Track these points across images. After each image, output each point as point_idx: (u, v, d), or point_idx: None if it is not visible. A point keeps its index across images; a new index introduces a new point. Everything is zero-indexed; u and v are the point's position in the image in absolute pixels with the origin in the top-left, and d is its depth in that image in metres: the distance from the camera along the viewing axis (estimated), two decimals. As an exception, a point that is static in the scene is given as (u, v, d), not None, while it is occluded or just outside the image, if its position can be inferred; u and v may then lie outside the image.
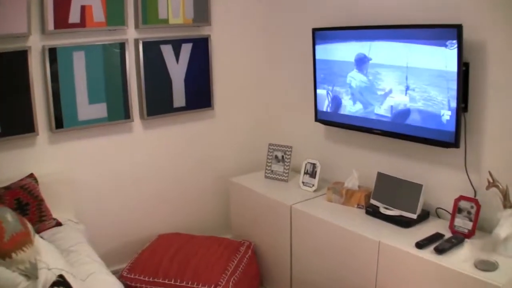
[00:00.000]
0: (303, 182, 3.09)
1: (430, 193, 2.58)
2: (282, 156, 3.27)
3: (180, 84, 3.40)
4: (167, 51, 3.27)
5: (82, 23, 2.93)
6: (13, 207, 2.61)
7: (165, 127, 3.41)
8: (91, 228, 3.06)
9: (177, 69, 3.35)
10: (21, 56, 2.77)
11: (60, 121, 2.96)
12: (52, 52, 2.87)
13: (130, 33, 3.17)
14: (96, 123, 3.10)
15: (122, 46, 3.09)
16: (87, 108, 3.02)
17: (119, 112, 3.17)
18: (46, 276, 1.78)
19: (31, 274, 1.72)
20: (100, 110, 3.08)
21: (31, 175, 2.86)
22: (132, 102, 3.23)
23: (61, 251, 2.38)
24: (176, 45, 3.33)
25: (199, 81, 3.48)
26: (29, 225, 1.95)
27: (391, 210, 2.50)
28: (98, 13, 2.98)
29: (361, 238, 2.40)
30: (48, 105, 2.95)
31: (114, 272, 2.84)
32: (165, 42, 3.30)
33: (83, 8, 2.94)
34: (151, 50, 3.25)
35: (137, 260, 2.97)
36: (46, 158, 3.01)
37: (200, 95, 3.52)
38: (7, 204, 2.61)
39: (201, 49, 3.45)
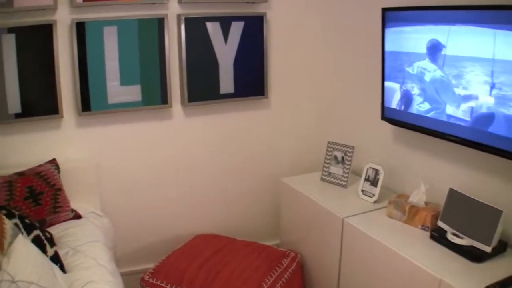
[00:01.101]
0: (362, 191, 2.86)
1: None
2: (342, 157, 3.04)
3: (229, 68, 3.21)
4: (214, 29, 3.10)
5: None
6: (24, 195, 2.57)
7: (209, 115, 3.26)
8: (117, 223, 3.05)
9: (225, 51, 3.16)
10: (46, 31, 2.73)
11: (88, 103, 2.89)
12: (80, 27, 2.79)
13: (171, 8, 3.02)
14: (128, 107, 3.00)
15: (160, 22, 2.94)
16: (118, 90, 2.94)
17: (155, 96, 3.04)
18: None
19: None
20: (133, 93, 2.98)
21: (53, 161, 2.82)
22: (171, 86, 3.08)
23: (68, 250, 2.38)
24: (225, 23, 3.14)
25: (251, 65, 3.26)
26: (7, 227, 1.86)
27: (460, 238, 2.21)
28: None
29: (419, 270, 2.12)
30: (75, 86, 2.88)
31: (140, 272, 2.84)
32: (212, 19, 3.10)
33: None
34: (195, 27, 3.07)
35: (163, 263, 2.87)
36: (71, 143, 2.98)
37: (251, 81, 3.30)
38: (17, 191, 2.55)
39: (254, 29, 3.23)
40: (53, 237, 2.46)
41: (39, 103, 2.83)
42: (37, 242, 2.22)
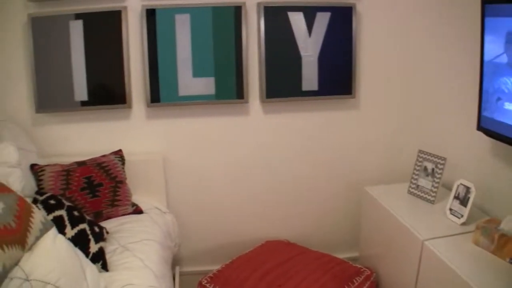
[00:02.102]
0: (450, 209, 2.69)
1: None
2: (433, 169, 2.89)
3: (312, 63, 3.10)
4: (297, 20, 3.01)
5: None
6: (81, 185, 2.71)
7: (290, 113, 3.20)
8: (183, 220, 3.17)
9: (309, 44, 3.07)
10: (115, 17, 2.86)
11: (157, 94, 2.98)
12: (151, 14, 2.86)
13: None
14: (200, 100, 3.02)
15: (237, 10, 2.91)
16: (190, 82, 2.98)
17: (230, 90, 3.05)
18: (16, 286, 1.74)
19: None
20: (206, 85, 3.00)
21: (118, 152, 2.95)
22: (248, 80, 3.06)
23: (117, 247, 2.48)
24: (309, 13, 3.03)
25: (337, 61, 3.14)
26: (35, 221, 1.95)
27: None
28: None
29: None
30: (144, 76, 2.97)
31: (201, 274, 2.87)
32: (295, 8, 3.01)
33: None
34: (276, 17, 3.00)
35: (225, 269, 2.90)
36: (139, 135, 3.10)
37: (337, 79, 3.17)
38: (74, 181, 2.70)
39: (342, 21, 3.10)
40: (106, 231, 2.56)
41: (106, 92, 2.97)
42: (80, 237, 2.33)
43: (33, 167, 2.70)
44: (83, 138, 3.05)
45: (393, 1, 3.21)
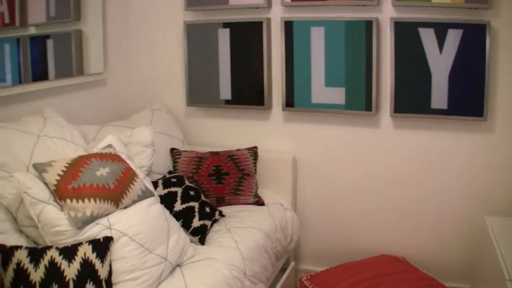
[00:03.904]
0: None
1: None
2: None
3: (442, 81, 3.09)
4: (427, 36, 3.04)
5: None
6: (209, 172, 3.20)
7: (418, 130, 3.23)
8: (306, 220, 3.48)
9: (440, 61, 3.06)
10: (257, 27, 3.30)
11: (292, 99, 3.32)
12: (288, 26, 3.21)
13: (381, 10, 3.11)
14: (331, 108, 3.25)
15: (368, 25, 3.07)
16: (322, 91, 3.24)
17: (360, 102, 3.21)
18: (95, 231, 2.21)
19: (73, 223, 2.16)
20: (337, 95, 3.22)
21: (253, 148, 3.38)
22: (377, 93, 3.19)
23: (221, 228, 2.92)
24: (441, 30, 3.03)
25: (468, 80, 3.07)
26: (135, 188, 2.43)
27: None
28: None
29: None
30: (281, 82, 3.34)
31: (309, 272, 3.19)
32: (426, 25, 3.04)
33: None
34: (406, 33, 3.07)
35: (326, 271, 3.13)
36: (274, 135, 3.48)
37: (468, 99, 3.10)
38: (204, 167, 3.21)
39: (474, 39, 3.01)
40: (221, 214, 3.03)
41: (247, 93, 3.41)
42: (187, 212, 2.82)
43: (172, 150, 3.29)
44: (223, 132, 3.56)
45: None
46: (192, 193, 2.93)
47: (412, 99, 3.15)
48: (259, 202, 3.23)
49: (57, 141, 2.60)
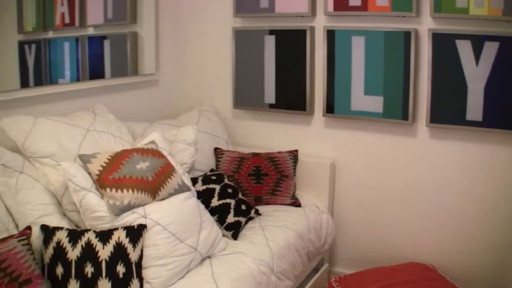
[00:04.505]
0: None
1: None
2: None
3: (478, 93, 3.13)
4: (464, 48, 3.10)
5: (363, 6, 3.22)
6: (249, 172, 3.40)
7: (455, 141, 3.28)
8: (342, 223, 3.64)
9: (476, 73, 3.11)
10: (300, 35, 3.48)
11: (332, 106, 3.46)
12: (330, 34, 3.36)
13: (419, 22, 3.20)
14: (369, 116, 3.37)
15: (407, 36, 3.17)
16: (361, 99, 3.36)
17: (397, 111, 3.31)
18: (131, 219, 2.45)
19: (111, 210, 2.41)
20: (375, 103, 3.33)
21: (293, 151, 3.55)
22: (414, 103, 3.28)
23: (255, 226, 3.10)
24: (477, 42, 3.08)
25: (505, 94, 3.10)
26: (172, 182, 2.66)
27: None
28: None
29: None
30: (322, 88, 3.50)
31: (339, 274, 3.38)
32: (463, 36, 3.10)
33: None
34: (444, 44, 3.14)
35: (355, 274, 3.24)
36: (314, 140, 3.64)
37: (504, 112, 3.12)
38: (245, 167, 3.41)
39: (511, 52, 3.06)
40: (257, 213, 3.22)
41: (291, 98, 3.59)
42: (223, 208, 3.02)
43: (215, 150, 3.52)
44: (266, 134, 3.77)
45: None
46: (229, 190, 3.12)
47: (447, 110, 3.22)
48: (296, 204, 3.39)
49: (104, 136, 2.88)
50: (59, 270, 2.13)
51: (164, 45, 3.85)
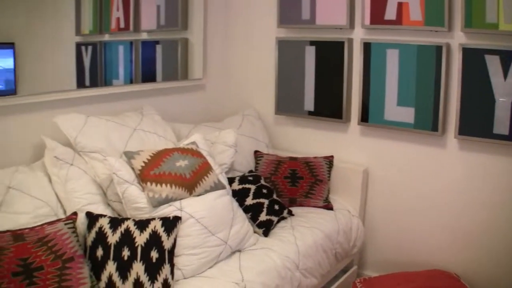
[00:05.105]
0: None
1: None
2: None
3: (505, 107, 3.24)
4: (493, 63, 3.22)
5: (398, 20, 3.42)
6: (285, 174, 3.65)
7: (482, 154, 3.40)
8: (372, 228, 3.82)
9: (504, 87, 3.23)
10: (339, 46, 3.70)
11: (366, 115, 3.66)
12: (367, 47, 3.56)
13: (451, 36, 3.35)
14: (401, 126, 3.55)
15: (438, 50, 3.33)
16: (394, 109, 3.54)
17: (427, 122, 3.47)
18: (167, 211, 2.74)
19: (150, 202, 2.72)
20: (407, 114, 3.51)
21: (329, 157, 3.77)
22: (443, 114, 3.42)
23: (286, 225, 3.33)
24: (506, 57, 3.19)
25: None
26: (209, 180, 2.95)
27: None
28: (415, 11, 3.37)
29: None
30: (358, 98, 3.70)
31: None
32: (492, 52, 3.22)
33: (399, 5, 3.41)
34: (473, 59, 3.28)
35: (380, 277, 3.41)
36: (350, 146, 3.84)
37: None
38: (281, 170, 3.67)
39: None
40: (290, 213, 3.47)
41: (328, 106, 3.81)
42: (256, 207, 3.28)
43: (255, 152, 3.80)
44: (304, 140, 4.02)
45: None
46: (264, 191, 3.39)
47: (475, 123, 3.34)
48: (328, 207, 3.62)
49: (149, 135, 3.21)
50: (99, 252, 2.45)
51: (212, 52, 4.17)
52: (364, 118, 3.67)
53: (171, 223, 2.64)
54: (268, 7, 4.04)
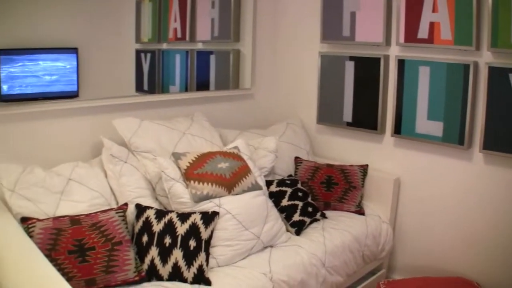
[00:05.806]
0: None
1: None
2: None
3: None
4: None
5: (429, 39, 3.69)
6: (321, 180, 3.98)
7: (508, 169, 3.57)
8: (402, 234, 4.07)
9: None
10: (375, 62, 4.02)
11: (399, 127, 3.95)
12: (401, 63, 3.86)
13: (479, 55, 3.56)
14: (430, 139, 3.80)
15: (466, 68, 3.57)
16: (425, 123, 3.80)
17: (454, 136, 3.69)
18: (207, 206, 3.13)
19: (192, 198, 3.13)
20: (436, 128, 3.75)
21: (364, 166, 4.09)
22: (470, 129, 3.63)
23: (317, 227, 3.63)
24: None
25: None
26: (248, 181, 3.35)
27: None
28: (445, 31, 3.62)
29: None
30: (392, 111, 3.98)
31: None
32: None
33: (431, 24, 3.68)
34: (498, 77, 3.47)
35: (404, 280, 3.65)
36: (384, 156, 4.12)
37: None
38: (318, 176, 4.00)
39: None
40: (323, 216, 3.79)
41: (365, 118, 4.13)
42: (291, 208, 3.62)
43: (296, 158, 4.17)
44: (342, 148, 4.36)
45: None
46: (300, 194, 3.74)
47: (500, 138, 3.52)
48: (360, 212, 3.93)
49: (197, 139, 3.65)
50: (144, 238, 2.89)
51: (261, 63, 4.58)
52: (397, 130, 3.96)
53: (209, 217, 3.02)
54: (312, 24, 4.41)
